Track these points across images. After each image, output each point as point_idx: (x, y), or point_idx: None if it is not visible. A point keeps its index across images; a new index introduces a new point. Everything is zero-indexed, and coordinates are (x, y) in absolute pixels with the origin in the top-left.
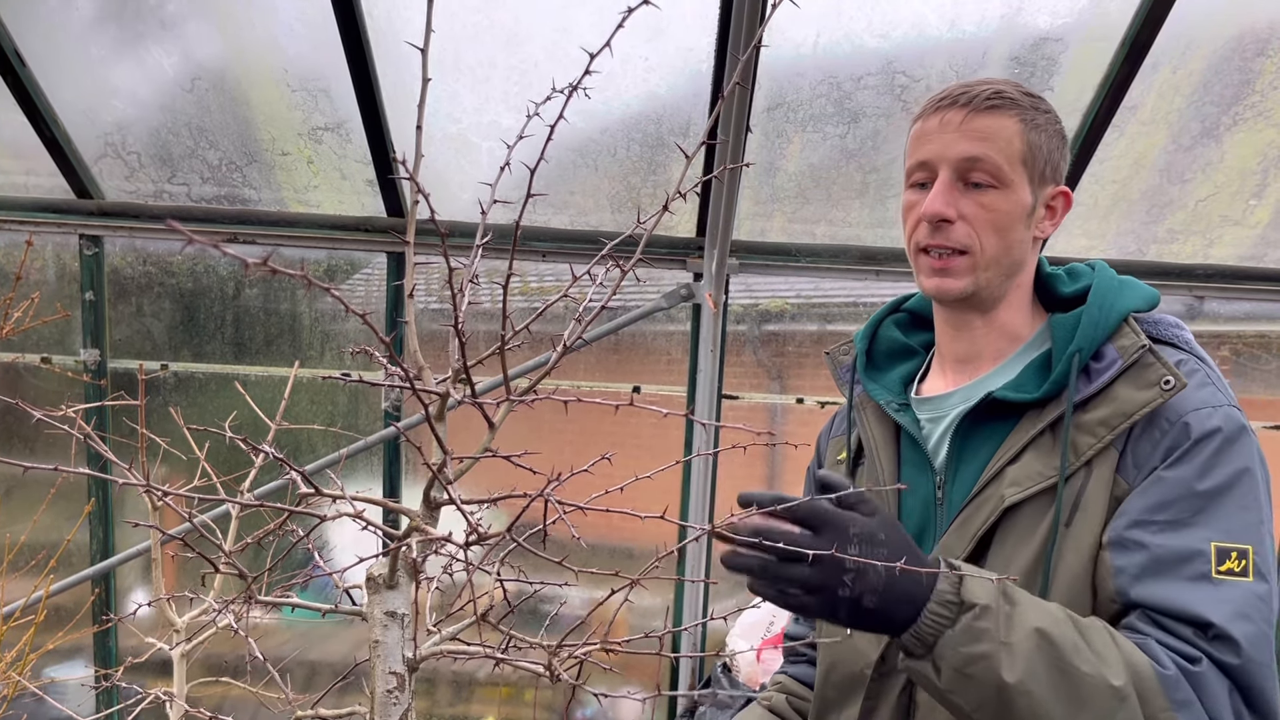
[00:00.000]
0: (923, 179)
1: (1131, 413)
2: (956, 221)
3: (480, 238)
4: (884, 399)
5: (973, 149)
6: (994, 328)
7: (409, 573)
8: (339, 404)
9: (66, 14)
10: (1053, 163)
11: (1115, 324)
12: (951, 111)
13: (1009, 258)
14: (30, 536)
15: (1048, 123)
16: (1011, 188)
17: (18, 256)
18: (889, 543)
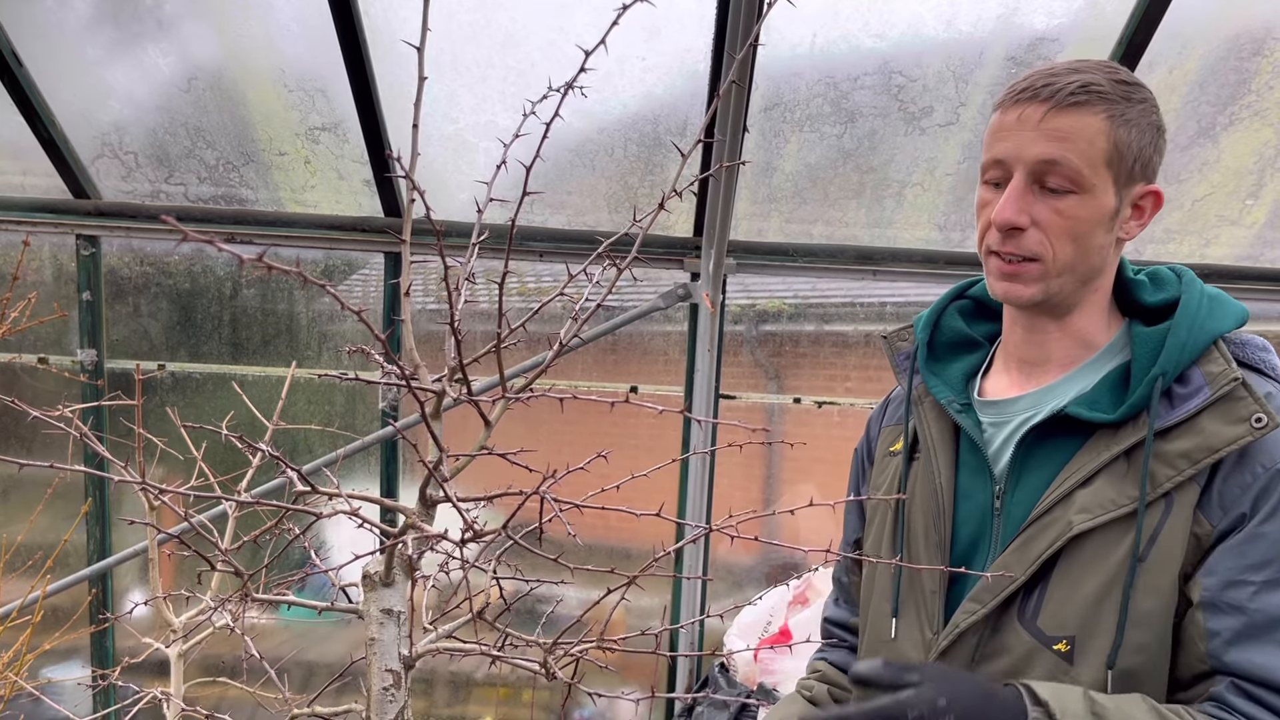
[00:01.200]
0: (997, 177)
1: (1218, 448)
2: (1029, 228)
3: (476, 237)
4: (945, 397)
5: (1050, 151)
6: (1068, 333)
7: (405, 570)
8: (336, 404)
9: (63, 14)
10: (1143, 159)
11: (1203, 347)
12: (1031, 107)
13: (1085, 264)
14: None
15: (1140, 115)
16: (1092, 192)
17: (14, 257)
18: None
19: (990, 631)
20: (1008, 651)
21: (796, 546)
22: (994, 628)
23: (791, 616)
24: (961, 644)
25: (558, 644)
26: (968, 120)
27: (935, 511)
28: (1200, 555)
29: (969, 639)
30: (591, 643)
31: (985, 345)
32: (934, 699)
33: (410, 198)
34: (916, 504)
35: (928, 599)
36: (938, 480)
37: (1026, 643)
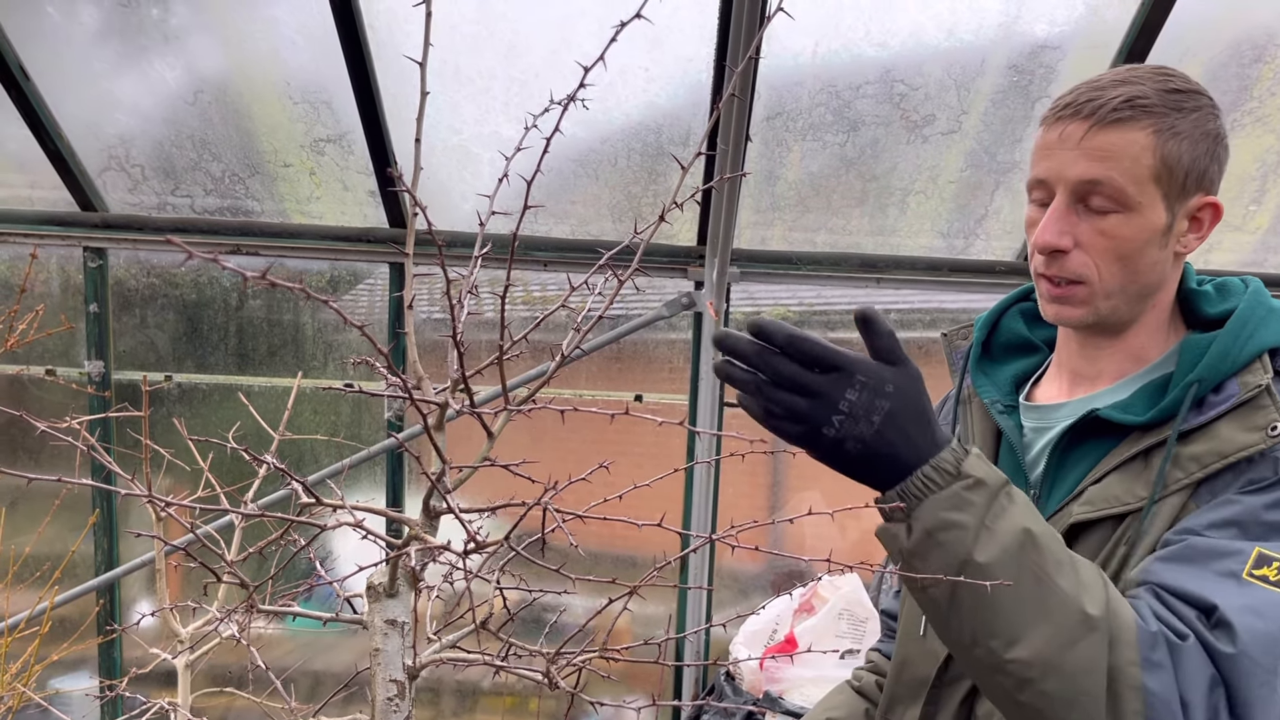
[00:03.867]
0: (1041, 197)
1: (1228, 454)
2: (1072, 250)
3: (479, 249)
4: (990, 398)
5: (1092, 170)
6: (1120, 350)
7: (409, 581)
8: (342, 414)
9: (70, 28)
10: (1197, 171)
11: (1249, 358)
12: (1073, 124)
13: (1136, 284)
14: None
15: (1193, 126)
16: (1138, 210)
17: (22, 269)
18: (895, 398)
19: None
20: None
21: (799, 556)
22: None
23: (797, 624)
24: None
25: (561, 654)
26: (970, 128)
27: None
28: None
29: None
30: (594, 652)
31: (1044, 350)
32: (885, 384)
33: (413, 212)
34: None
35: None
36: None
37: None
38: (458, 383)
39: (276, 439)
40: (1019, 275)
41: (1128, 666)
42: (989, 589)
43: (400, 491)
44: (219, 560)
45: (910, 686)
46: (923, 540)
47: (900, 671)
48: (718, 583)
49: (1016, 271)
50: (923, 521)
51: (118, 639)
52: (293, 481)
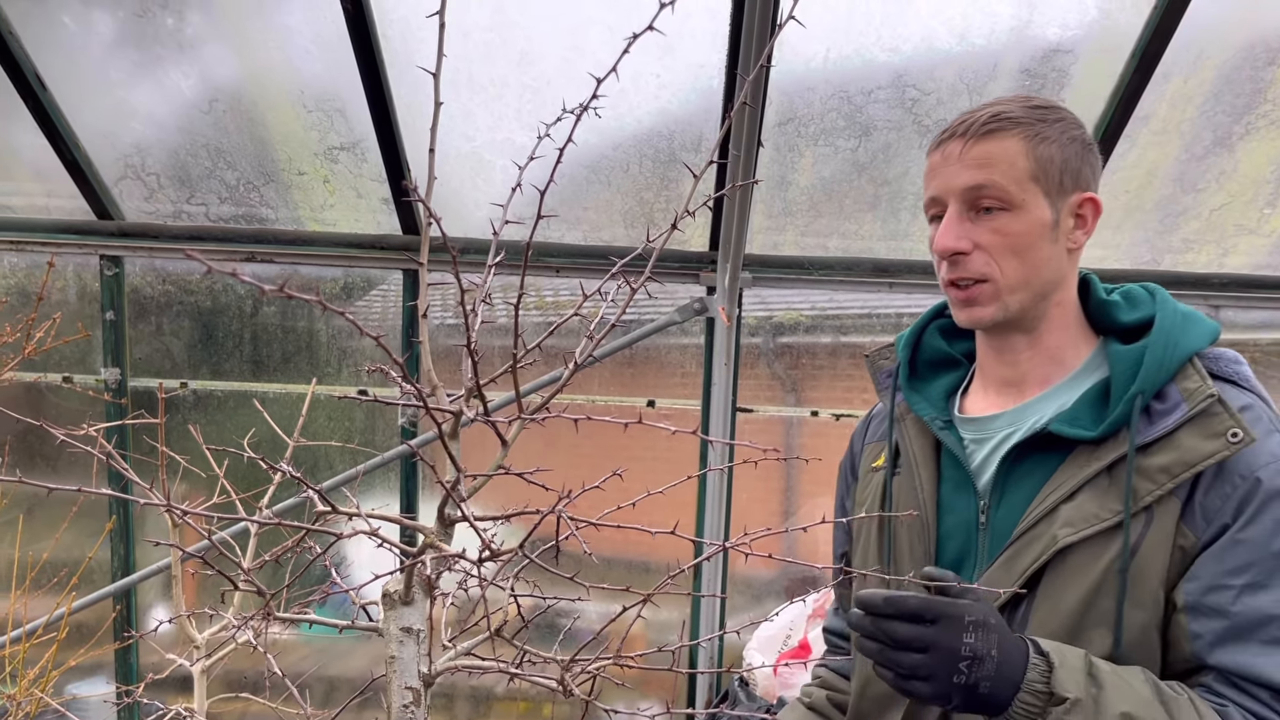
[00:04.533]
0: (937, 213)
1: (1195, 463)
2: (972, 251)
3: (492, 258)
4: (928, 414)
5: (976, 177)
6: (1038, 350)
7: (424, 589)
8: (356, 420)
9: (86, 38)
10: (1071, 170)
11: (1179, 365)
12: (952, 143)
13: (1037, 278)
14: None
15: (1059, 132)
16: (1024, 207)
17: (40, 277)
18: (999, 628)
19: None
20: None
21: (811, 564)
22: None
23: (811, 630)
24: None
25: (575, 660)
26: None
27: (919, 525)
28: (1185, 565)
29: None
30: (608, 659)
31: (965, 364)
32: (988, 617)
33: (427, 222)
34: (904, 525)
35: None
36: (921, 495)
37: None
38: (472, 391)
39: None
40: None
41: None
42: None
43: (414, 497)
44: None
45: (877, 701)
46: None
47: (864, 689)
48: (731, 588)
49: None
50: None
51: (134, 645)
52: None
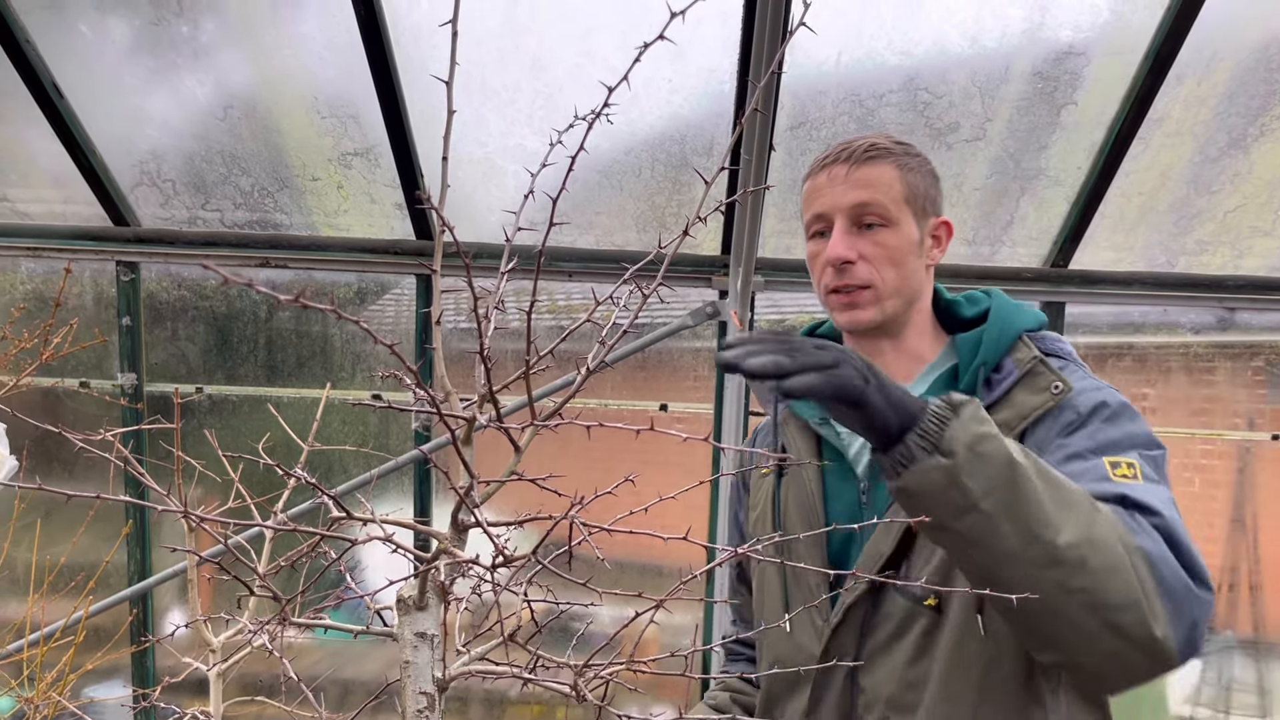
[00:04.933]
0: (821, 229)
1: (1027, 414)
2: (857, 261)
3: (505, 264)
4: (807, 414)
5: (861, 195)
6: (902, 352)
7: (438, 594)
8: (370, 425)
9: (102, 45)
10: (930, 198)
11: (1012, 341)
12: (837, 166)
13: (908, 286)
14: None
15: (919, 165)
16: (900, 224)
17: (57, 283)
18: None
19: (873, 605)
20: (890, 618)
21: (824, 570)
22: (875, 601)
23: None
24: (850, 620)
25: (588, 665)
26: (994, 135)
27: (809, 512)
28: None
29: (855, 614)
30: (621, 664)
31: None
32: (865, 363)
33: (440, 230)
34: (792, 512)
35: (814, 591)
36: (808, 487)
37: (904, 607)
38: (485, 397)
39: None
40: (1046, 282)
41: (1125, 535)
42: (1033, 485)
43: (428, 501)
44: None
45: (788, 681)
46: (969, 459)
47: (774, 671)
48: None
49: (1043, 279)
50: (960, 441)
51: (151, 648)
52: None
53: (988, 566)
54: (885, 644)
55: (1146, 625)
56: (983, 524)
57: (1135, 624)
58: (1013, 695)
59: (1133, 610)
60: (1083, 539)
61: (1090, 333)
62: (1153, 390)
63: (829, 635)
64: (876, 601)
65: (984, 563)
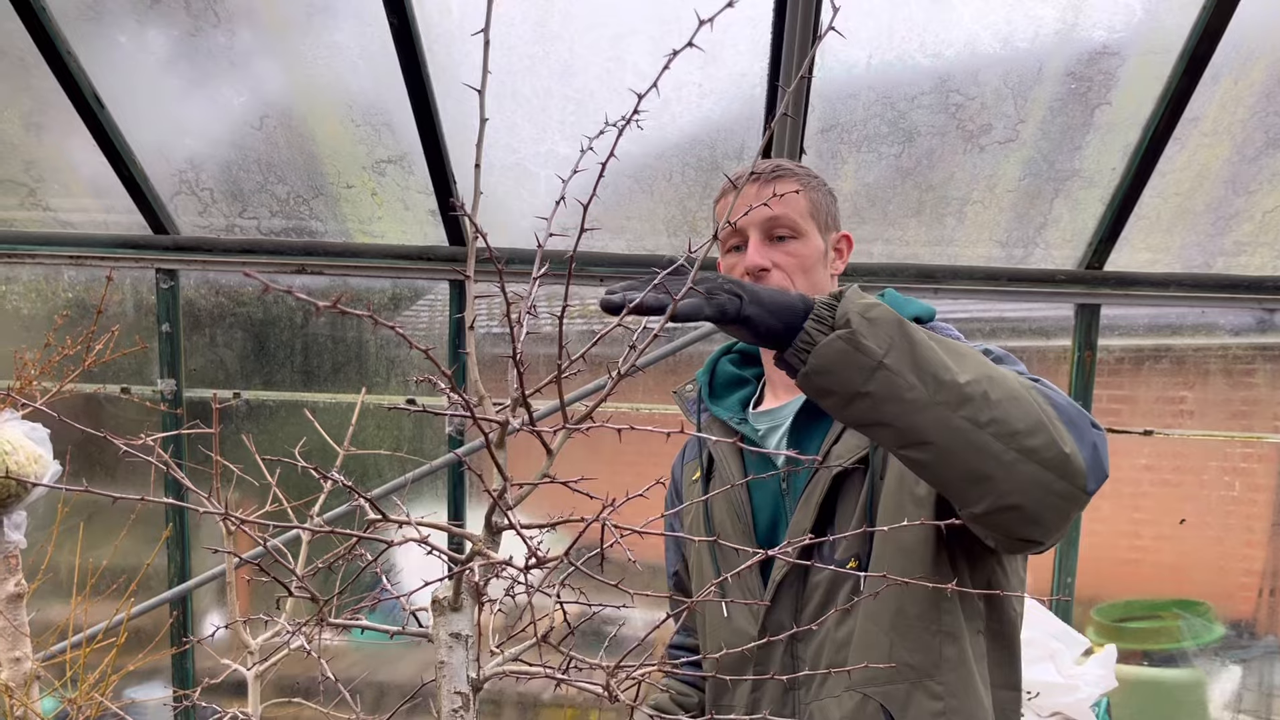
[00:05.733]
0: (737, 242)
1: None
2: (772, 270)
3: (537, 271)
4: (727, 415)
5: (773, 210)
6: None
7: (472, 595)
8: (404, 429)
9: (142, 56)
10: (831, 214)
11: None
12: (748, 186)
13: (816, 293)
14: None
15: (819, 185)
16: (808, 236)
17: (99, 291)
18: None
19: (802, 579)
20: (818, 587)
21: (855, 572)
22: (803, 573)
23: None
24: (782, 594)
25: (620, 667)
26: (1028, 136)
27: (736, 505)
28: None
29: (786, 589)
30: (653, 666)
31: (753, 382)
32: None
33: (474, 237)
34: (720, 507)
35: (746, 576)
36: (731, 493)
37: (829, 575)
38: (518, 401)
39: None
40: (1080, 284)
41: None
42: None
43: (461, 504)
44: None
45: (732, 666)
46: (863, 323)
47: (719, 659)
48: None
49: (1078, 280)
50: (854, 310)
51: (190, 650)
52: (360, 499)
53: (904, 420)
54: (816, 612)
55: (1056, 444)
56: (890, 379)
57: (1046, 444)
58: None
59: (1041, 433)
60: (982, 376)
61: (1126, 335)
62: (1191, 393)
63: (763, 614)
64: (805, 573)
65: (899, 417)
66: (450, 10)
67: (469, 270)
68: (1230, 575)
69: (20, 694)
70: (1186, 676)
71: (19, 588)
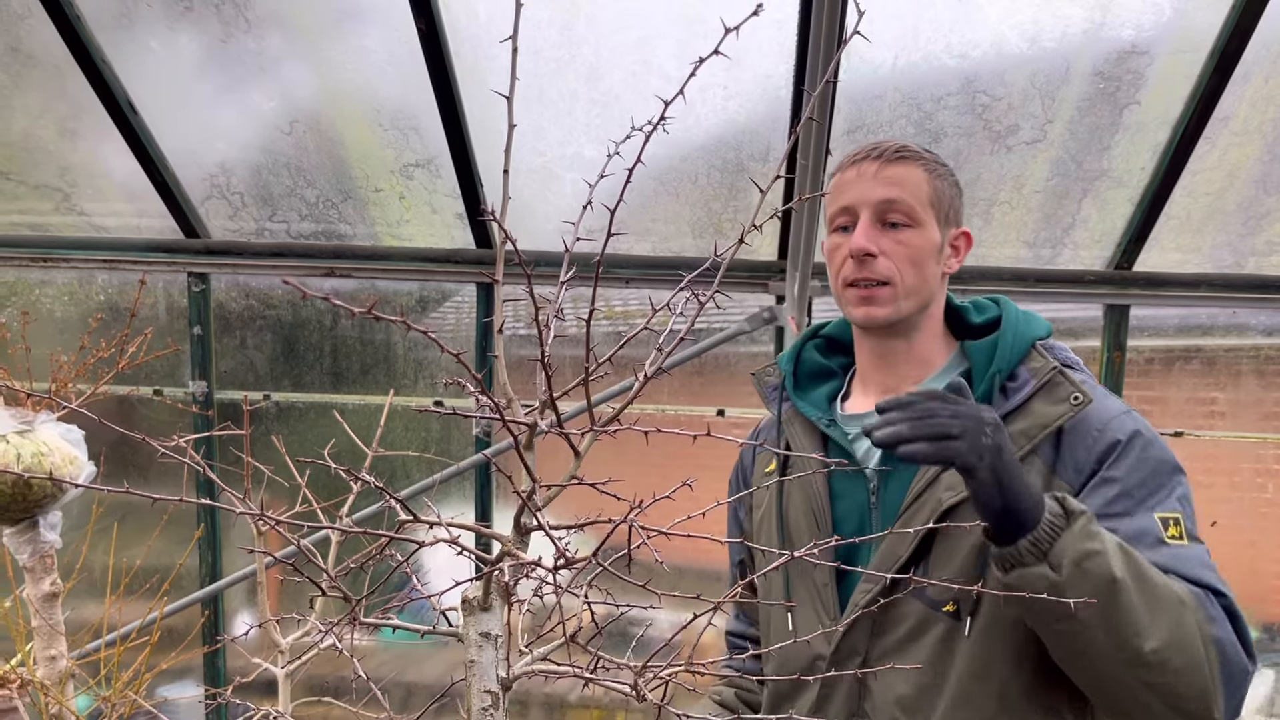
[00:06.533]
0: (845, 223)
1: (1048, 424)
2: (879, 256)
3: (564, 275)
4: (814, 415)
5: (889, 192)
6: (913, 355)
7: (501, 596)
8: (432, 430)
9: (174, 63)
10: (954, 208)
11: (1026, 349)
12: (866, 163)
13: (925, 288)
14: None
15: (946, 174)
16: (924, 226)
17: (132, 294)
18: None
19: (886, 607)
20: (904, 620)
21: (879, 574)
22: (889, 603)
23: None
24: (862, 621)
25: (647, 667)
26: (1055, 137)
27: (816, 511)
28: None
29: (867, 616)
30: (680, 666)
31: (839, 374)
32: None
33: (502, 242)
34: (797, 508)
35: (821, 591)
36: (814, 487)
37: (920, 611)
38: (546, 403)
39: (370, 455)
40: (1109, 284)
41: (1204, 624)
42: (1129, 597)
43: (489, 505)
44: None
45: (793, 682)
46: (1073, 573)
47: (779, 671)
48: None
49: (1107, 280)
50: (1069, 556)
51: (222, 649)
52: (391, 500)
53: (1074, 656)
54: (896, 647)
55: (1209, 712)
56: (1078, 630)
57: (1200, 711)
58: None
59: (1200, 700)
60: (1169, 643)
61: (1156, 335)
62: (1222, 394)
63: (840, 638)
64: (891, 603)
65: (1072, 652)
66: (477, 14)
67: (498, 274)
68: (1262, 578)
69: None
70: None
71: (54, 587)
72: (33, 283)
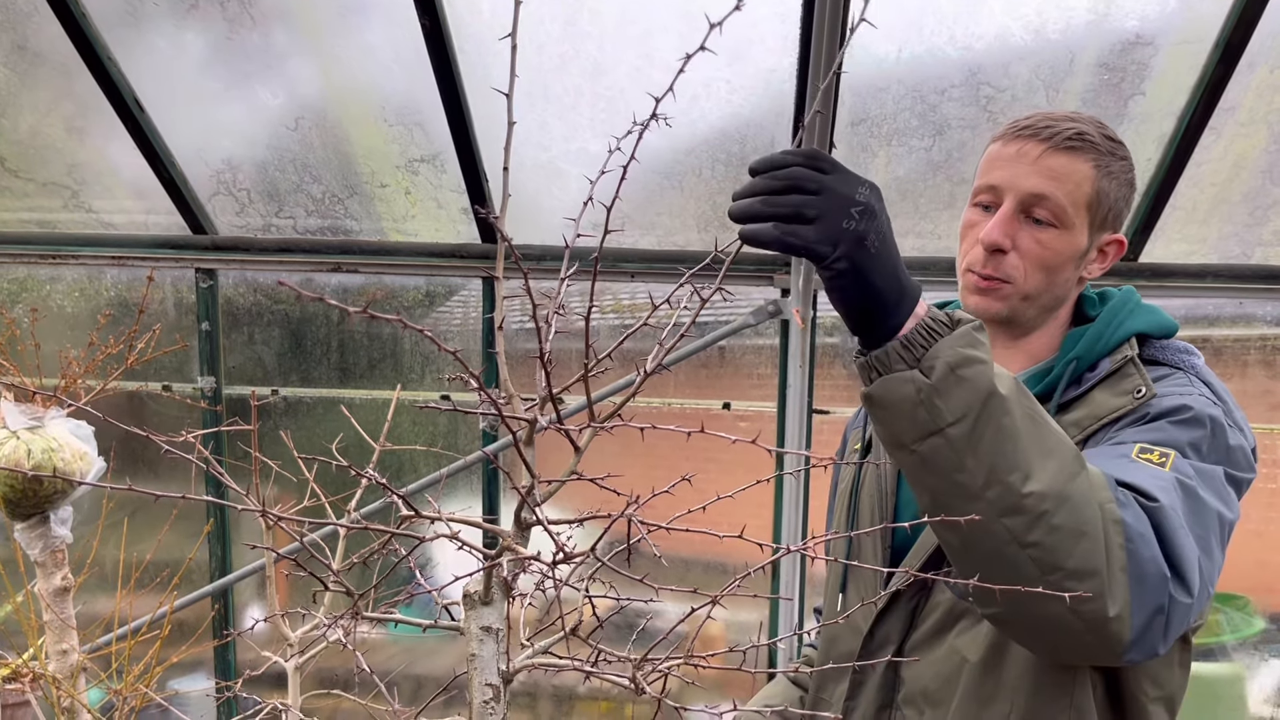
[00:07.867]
0: (988, 201)
1: (1102, 416)
2: (1010, 253)
3: (565, 270)
4: None
5: (1042, 186)
6: (1022, 350)
7: (502, 590)
8: (439, 425)
9: (180, 60)
10: (1116, 210)
11: (1118, 341)
12: (1031, 144)
13: (1050, 294)
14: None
15: (1121, 170)
16: (1071, 229)
17: (140, 290)
18: (888, 223)
19: (925, 594)
20: (939, 607)
21: (876, 567)
22: (928, 590)
23: None
24: (898, 605)
25: (646, 660)
26: None
27: (879, 496)
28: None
29: (905, 602)
30: (679, 659)
31: None
32: (880, 205)
33: (503, 242)
34: (868, 489)
35: (868, 574)
36: (883, 469)
37: (950, 600)
38: (545, 399)
39: (378, 450)
40: (1115, 275)
41: (1107, 503)
42: (1012, 422)
43: (496, 499)
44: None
45: (838, 662)
46: (946, 377)
47: (828, 650)
48: (811, 590)
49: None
50: (943, 358)
51: (232, 642)
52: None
53: (938, 495)
54: (929, 636)
55: (1100, 600)
56: (944, 452)
57: (1091, 604)
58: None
59: (1089, 581)
60: (1053, 491)
61: None
62: (1229, 384)
63: (873, 620)
64: (929, 591)
65: (935, 489)
66: (481, 10)
67: (498, 270)
68: (1271, 569)
69: (67, 685)
70: (1226, 671)
71: (65, 581)
72: (42, 279)
